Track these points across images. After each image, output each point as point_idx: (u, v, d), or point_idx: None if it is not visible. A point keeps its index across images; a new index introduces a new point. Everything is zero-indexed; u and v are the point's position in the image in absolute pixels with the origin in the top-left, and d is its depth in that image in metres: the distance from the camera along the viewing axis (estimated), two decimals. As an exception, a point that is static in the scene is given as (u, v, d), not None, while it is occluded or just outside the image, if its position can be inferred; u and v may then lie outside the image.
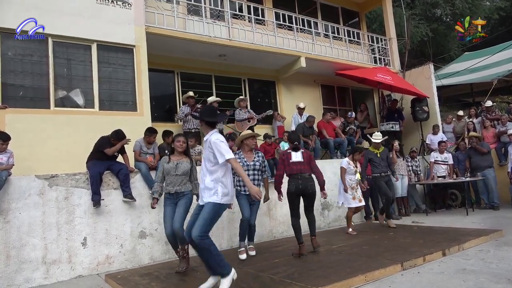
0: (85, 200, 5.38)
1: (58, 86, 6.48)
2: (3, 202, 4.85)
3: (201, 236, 3.60)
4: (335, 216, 8.02)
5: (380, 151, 7.21)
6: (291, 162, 5.35)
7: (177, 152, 4.84)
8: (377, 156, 7.18)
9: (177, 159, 4.81)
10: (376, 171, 7.15)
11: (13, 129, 5.55)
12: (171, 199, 4.78)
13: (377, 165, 7.13)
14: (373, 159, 7.17)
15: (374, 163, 7.16)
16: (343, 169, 6.72)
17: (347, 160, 6.79)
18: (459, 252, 5.03)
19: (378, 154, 7.19)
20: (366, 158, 7.19)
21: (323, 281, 3.88)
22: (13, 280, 4.78)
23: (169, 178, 4.77)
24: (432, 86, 11.09)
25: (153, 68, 7.74)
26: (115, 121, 6.20)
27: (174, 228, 4.63)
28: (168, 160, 4.82)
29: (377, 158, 7.16)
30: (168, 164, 4.78)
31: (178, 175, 4.75)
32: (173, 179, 4.75)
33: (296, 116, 9.63)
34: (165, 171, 4.78)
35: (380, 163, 7.14)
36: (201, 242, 3.61)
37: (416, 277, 4.08)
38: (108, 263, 5.42)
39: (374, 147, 7.27)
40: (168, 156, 4.90)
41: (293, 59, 9.63)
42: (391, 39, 11.85)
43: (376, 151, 7.22)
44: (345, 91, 12.18)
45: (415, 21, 18.46)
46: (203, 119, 3.89)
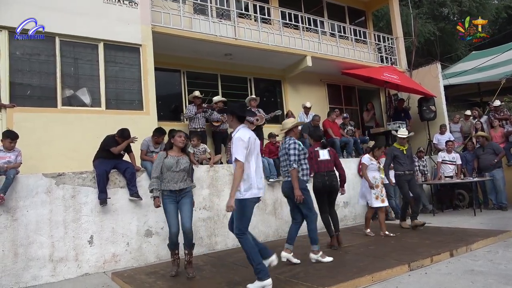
0: (92, 198, 5.40)
1: (65, 85, 6.51)
2: (11, 200, 4.88)
3: (237, 234, 3.80)
4: (340, 216, 7.95)
5: (406, 148, 6.89)
6: (319, 160, 5.53)
7: (176, 148, 4.62)
8: (402, 153, 6.83)
9: (177, 155, 4.60)
10: (400, 169, 6.79)
11: (21, 127, 5.59)
12: (172, 196, 4.53)
13: (402, 163, 6.77)
14: (399, 156, 6.81)
15: (399, 160, 6.79)
16: (364, 165, 6.39)
17: (368, 156, 6.47)
18: (467, 253, 4.99)
19: (404, 151, 6.85)
20: (390, 155, 6.87)
21: (329, 281, 3.86)
22: (21, 277, 4.82)
23: (169, 174, 4.50)
24: (439, 85, 11.01)
25: (159, 67, 7.76)
26: (122, 120, 6.22)
27: (185, 229, 4.44)
28: (166, 155, 4.57)
29: (402, 155, 6.81)
30: (168, 159, 4.52)
31: (180, 171, 4.53)
32: (174, 176, 4.51)
33: (302, 116, 9.60)
34: (165, 167, 4.50)
35: (406, 161, 6.79)
36: (239, 240, 3.81)
37: (423, 278, 4.05)
38: (115, 261, 5.44)
39: (399, 143, 6.92)
40: (166, 152, 4.63)
41: (299, 58, 9.61)
42: (398, 38, 11.78)
43: (401, 147, 6.87)
44: (351, 90, 12.12)
45: (422, 20, 18.33)
46: (234, 113, 3.98)
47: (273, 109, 9.60)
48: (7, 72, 5.99)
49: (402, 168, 6.79)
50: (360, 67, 10.60)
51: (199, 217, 6.20)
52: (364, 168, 6.39)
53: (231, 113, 4.04)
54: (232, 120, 4.05)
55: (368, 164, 6.37)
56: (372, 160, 6.39)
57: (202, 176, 6.36)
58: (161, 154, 4.63)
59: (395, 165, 6.90)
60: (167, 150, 4.66)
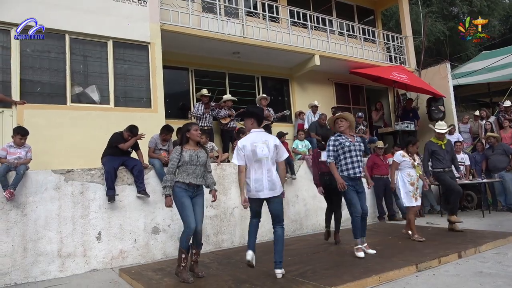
0: (100, 195, 5.44)
1: (75, 82, 6.57)
2: (20, 195, 4.94)
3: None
4: (347, 215, 7.92)
5: (445, 143, 6.42)
6: (319, 161, 5.65)
7: (192, 142, 4.39)
8: (441, 148, 6.36)
9: (194, 149, 4.38)
10: (439, 166, 6.32)
11: (31, 124, 5.65)
12: (190, 191, 4.29)
13: (441, 159, 6.30)
14: (437, 152, 6.35)
15: (437, 156, 6.33)
16: (395, 163, 5.93)
17: (401, 153, 5.94)
18: (476, 254, 4.95)
19: (442, 146, 6.38)
20: (428, 151, 6.41)
21: (336, 281, 3.85)
22: (30, 272, 4.88)
23: (189, 168, 4.26)
24: (449, 85, 10.90)
25: (168, 65, 7.79)
26: (130, 118, 6.26)
27: (197, 229, 4.25)
28: (181, 150, 4.32)
29: (441, 151, 6.35)
30: (186, 152, 4.29)
31: (199, 165, 4.33)
32: (194, 170, 4.29)
33: (310, 114, 9.59)
34: (185, 161, 4.25)
35: (445, 157, 6.31)
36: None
37: (431, 279, 4.02)
38: (122, 258, 5.48)
39: (437, 138, 6.44)
40: (181, 147, 4.37)
41: (307, 57, 9.58)
42: (407, 37, 11.70)
43: (439, 142, 6.40)
44: (359, 89, 12.06)
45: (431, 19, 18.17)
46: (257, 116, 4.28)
47: (280, 107, 9.60)
48: (18, 69, 6.05)
49: (441, 164, 6.30)
50: (369, 66, 10.55)
51: (205, 215, 6.17)
52: (394, 167, 5.95)
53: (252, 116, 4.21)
54: (252, 123, 4.24)
55: (399, 162, 5.87)
56: (405, 157, 5.86)
57: (209, 174, 6.37)
58: (177, 149, 4.35)
59: (433, 161, 6.43)
60: (182, 145, 4.39)
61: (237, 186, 6.61)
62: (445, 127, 6.46)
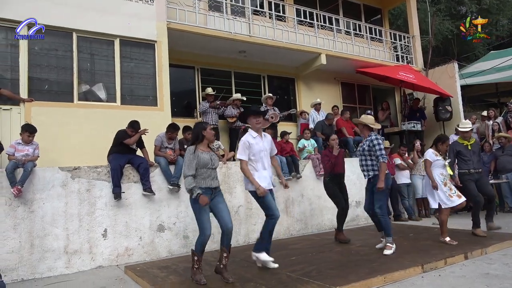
0: (106, 192, 5.48)
1: (82, 80, 6.61)
2: (28, 192, 4.99)
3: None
4: (352, 215, 7.94)
5: (471, 143, 6.13)
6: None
7: (206, 142, 4.23)
8: (467, 149, 6.08)
9: (207, 151, 4.23)
10: (464, 167, 6.04)
11: (38, 121, 5.70)
12: (207, 194, 4.07)
13: (466, 160, 6.01)
14: (462, 152, 6.07)
15: (463, 157, 6.05)
16: (428, 162, 5.62)
17: (432, 151, 5.67)
18: (482, 256, 4.91)
19: (468, 146, 6.12)
20: (453, 151, 6.12)
21: (341, 281, 3.84)
22: (36, 268, 4.92)
23: (205, 171, 4.09)
24: (456, 85, 10.82)
25: (174, 63, 7.80)
26: (136, 116, 6.27)
27: (228, 229, 4.12)
28: (194, 151, 4.11)
29: (467, 151, 6.07)
30: (202, 155, 4.10)
31: (214, 168, 4.22)
32: (210, 173, 4.15)
33: (314, 113, 9.56)
34: (201, 164, 4.06)
35: (471, 158, 6.03)
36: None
37: (437, 280, 4.00)
38: (128, 255, 5.51)
39: (462, 137, 6.19)
40: (194, 147, 4.13)
41: (314, 56, 9.55)
42: (415, 37, 11.62)
43: (465, 142, 6.12)
44: (366, 89, 12.00)
45: (439, 18, 18.01)
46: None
47: (286, 106, 9.59)
48: (26, 67, 6.10)
49: (467, 166, 6.02)
50: (375, 65, 10.49)
51: (211, 213, 6.23)
52: (429, 166, 5.63)
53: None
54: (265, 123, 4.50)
55: (433, 161, 5.60)
56: (438, 156, 5.60)
57: (214, 172, 6.38)
58: (190, 150, 4.11)
59: (459, 162, 6.18)
60: (196, 144, 4.17)
61: (241, 185, 6.62)
62: (469, 125, 6.17)
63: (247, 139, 4.46)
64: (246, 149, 4.42)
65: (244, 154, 4.41)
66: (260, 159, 4.46)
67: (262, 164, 4.48)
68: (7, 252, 4.77)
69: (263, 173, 4.46)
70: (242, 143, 4.47)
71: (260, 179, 4.40)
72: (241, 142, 4.49)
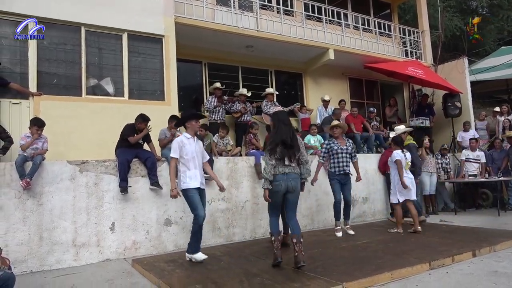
0: (114, 186, 5.51)
1: (90, 74, 6.63)
2: (37, 185, 5.04)
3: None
4: (359, 211, 7.91)
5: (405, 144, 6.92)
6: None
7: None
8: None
9: None
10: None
11: (47, 115, 5.73)
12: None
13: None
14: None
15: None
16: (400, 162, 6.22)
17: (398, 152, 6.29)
18: (490, 253, 4.87)
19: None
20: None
21: (347, 277, 3.83)
22: (45, 260, 4.98)
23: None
24: (466, 81, 10.68)
25: (181, 58, 7.79)
26: (144, 110, 6.27)
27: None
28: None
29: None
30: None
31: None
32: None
33: (321, 109, 9.52)
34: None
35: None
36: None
37: (444, 277, 3.98)
38: (135, 249, 5.55)
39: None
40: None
41: (322, 51, 9.48)
42: (424, 32, 11.47)
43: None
44: (374, 85, 11.91)
45: (449, 14, 17.77)
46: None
47: (293, 102, 9.53)
48: (35, 61, 6.13)
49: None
50: (384, 61, 10.39)
51: (217, 208, 6.26)
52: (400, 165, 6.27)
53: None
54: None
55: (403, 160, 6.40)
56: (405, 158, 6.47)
57: (221, 167, 6.39)
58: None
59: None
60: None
61: (248, 180, 6.64)
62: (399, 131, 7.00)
63: (181, 140, 4.76)
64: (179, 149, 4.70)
65: (175, 153, 4.68)
66: (192, 159, 4.73)
67: (194, 163, 4.74)
68: (16, 244, 4.83)
69: (194, 172, 4.73)
70: (175, 143, 4.74)
71: (191, 178, 4.69)
72: (175, 142, 4.77)
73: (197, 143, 4.90)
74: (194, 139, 4.87)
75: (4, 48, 6.02)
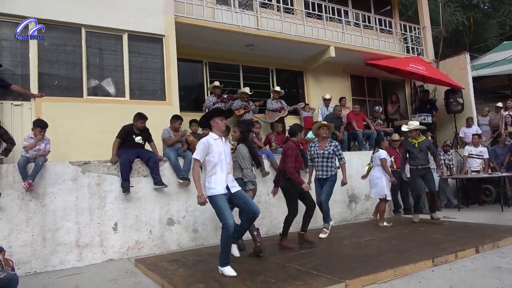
0: (116, 186, 5.53)
1: (91, 75, 6.64)
2: (39, 186, 5.05)
3: None
4: (362, 209, 7.90)
5: (419, 141, 6.80)
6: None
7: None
8: (414, 147, 6.80)
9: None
10: (412, 163, 6.87)
11: (49, 116, 5.73)
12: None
13: (414, 157, 6.79)
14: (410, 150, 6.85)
15: (411, 155, 6.86)
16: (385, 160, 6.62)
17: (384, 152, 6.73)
18: (494, 249, 4.85)
19: (416, 144, 6.80)
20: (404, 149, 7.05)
21: (350, 275, 3.82)
22: (49, 261, 5.00)
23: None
24: (468, 76, 10.64)
25: (182, 58, 7.78)
26: (145, 110, 6.28)
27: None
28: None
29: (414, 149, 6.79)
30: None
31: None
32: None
33: (323, 107, 9.51)
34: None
35: (418, 155, 6.72)
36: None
37: (447, 274, 3.96)
38: (138, 248, 5.57)
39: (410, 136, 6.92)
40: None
41: (322, 49, 9.45)
42: (425, 28, 11.43)
43: (413, 141, 6.83)
44: (375, 81, 11.87)
45: (450, 9, 17.68)
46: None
47: (294, 100, 9.52)
48: (36, 62, 6.14)
49: (414, 162, 6.79)
50: (385, 57, 10.35)
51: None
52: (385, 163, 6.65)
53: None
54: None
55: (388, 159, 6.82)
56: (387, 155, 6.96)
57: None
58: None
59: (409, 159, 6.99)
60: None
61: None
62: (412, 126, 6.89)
63: (207, 140, 4.22)
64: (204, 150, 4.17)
65: (198, 155, 4.16)
66: (219, 162, 4.20)
67: (221, 166, 4.20)
68: (20, 245, 4.86)
69: (220, 176, 4.19)
70: (201, 143, 4.22)
71: (217, 183, 4.15)
72: (200, 142, 4.25)
73: (226, 144, 4.35)
74: (222, 139, 4.31)
75: (5, 50, 6.04)
